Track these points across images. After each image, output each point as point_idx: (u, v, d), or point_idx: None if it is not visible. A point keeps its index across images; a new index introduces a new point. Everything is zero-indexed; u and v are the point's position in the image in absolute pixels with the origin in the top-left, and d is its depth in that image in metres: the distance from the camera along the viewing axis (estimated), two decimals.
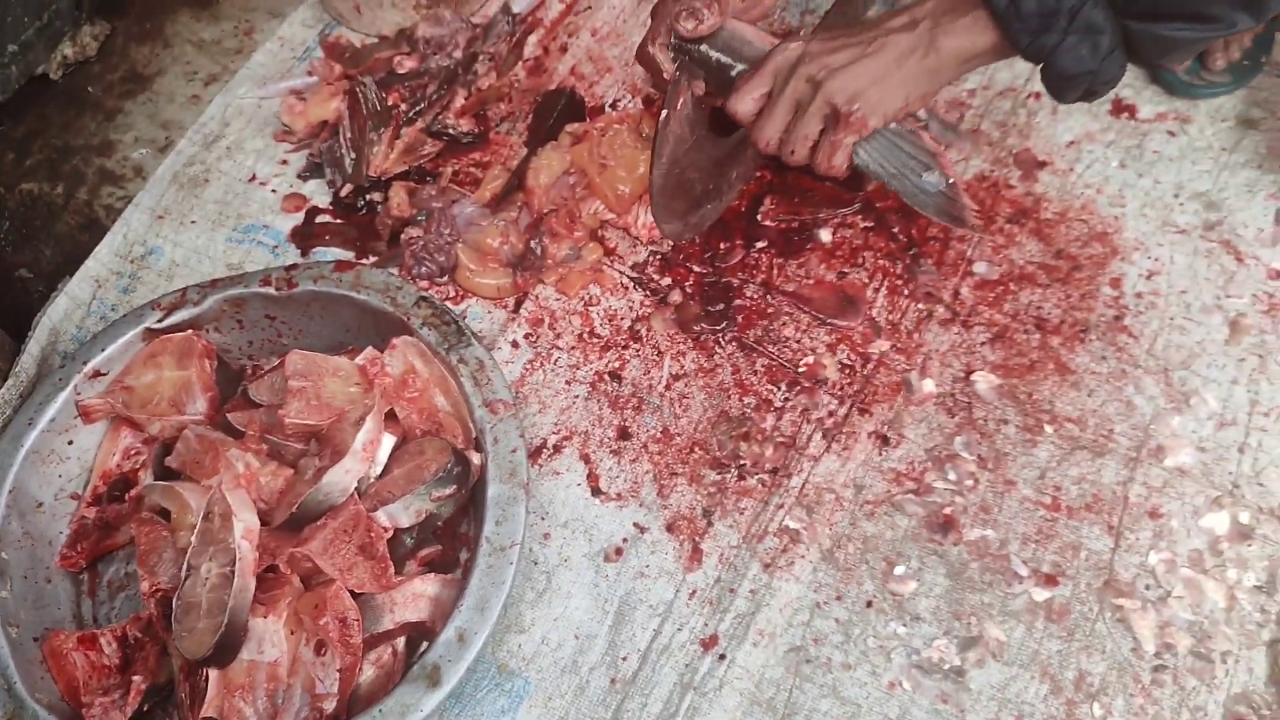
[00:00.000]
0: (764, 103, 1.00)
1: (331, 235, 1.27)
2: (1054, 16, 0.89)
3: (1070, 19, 0.89)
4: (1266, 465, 1.08)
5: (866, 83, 0.96)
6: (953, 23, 0.94)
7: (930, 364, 1.16)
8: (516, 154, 1.29)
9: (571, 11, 1.42)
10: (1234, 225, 1.22)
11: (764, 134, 1.00)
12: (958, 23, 0.94)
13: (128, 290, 1.25)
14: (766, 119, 0.99)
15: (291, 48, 1.42)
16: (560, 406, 1.14)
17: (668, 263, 1.22)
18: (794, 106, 0.98)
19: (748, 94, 1.00)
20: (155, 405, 1.08)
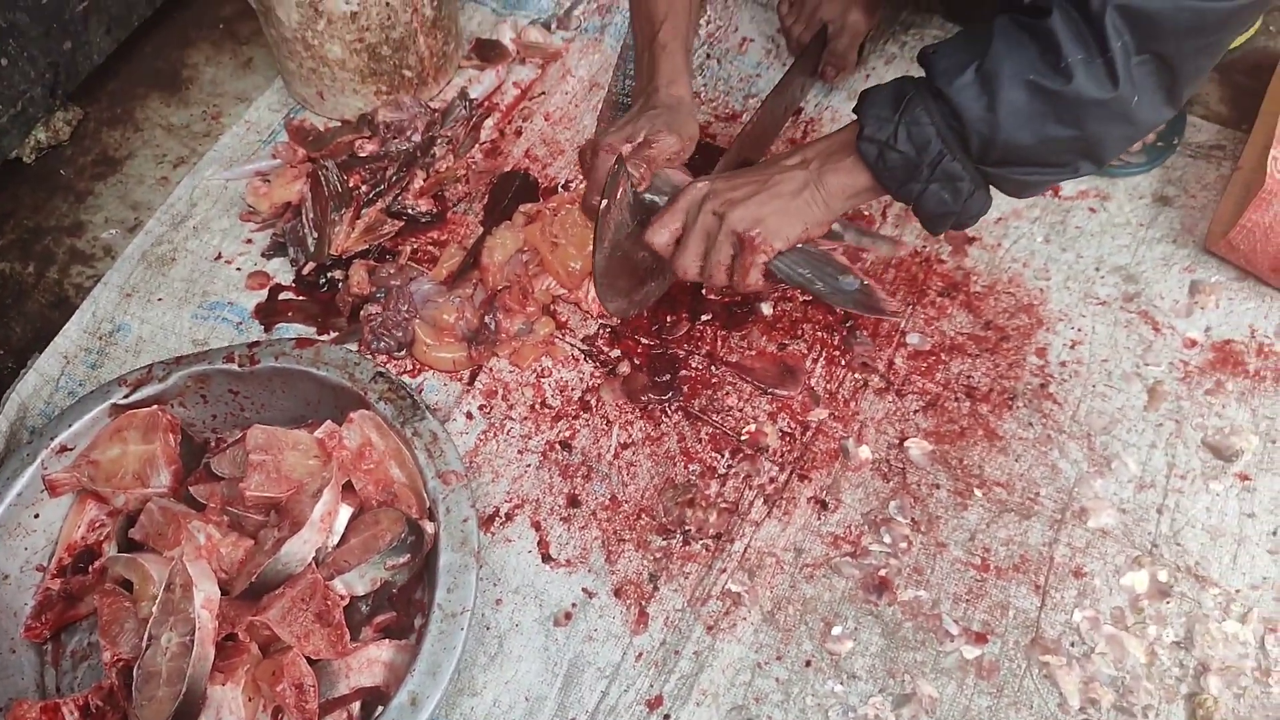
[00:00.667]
0: (678, 236, 1.08)
1: (294, 312, 1.32)
2: (917, 168, 0.98)
3: (932, 170, 0.97)
4: (1183, 526, 1.14)
5: (766, 213, 1.05)
6: (837, 164, 1.03)
7: (866, 431, 1.21)
8: (473, 233, 1.35)
9: (526, 97, 1.49)
10: (1151, 297, 1.29)
11: (681, 264, 1.08)
12: (841, 164, 1.03)
13: (95, 366, 1.29)
14: (682, 251, 1.07)
15: (258, 131, 1.48)
16: (512, 475, 1.19)
17: (617, 335, 1.28)
18: (705, 237, 1.07)
19: (663, 229, 1.08)
20: (120, 479, 1.12)
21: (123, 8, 1.49)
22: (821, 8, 1.42)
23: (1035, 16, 0.90)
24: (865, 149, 0.99)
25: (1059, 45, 0.88)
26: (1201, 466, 1.18)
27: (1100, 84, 0.89)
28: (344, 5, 1.30)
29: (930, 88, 0.95)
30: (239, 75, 1.56)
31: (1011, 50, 0.90)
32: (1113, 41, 0.87)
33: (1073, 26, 0.88)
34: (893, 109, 0.97)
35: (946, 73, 0.93)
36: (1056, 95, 0.90)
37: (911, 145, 0.96)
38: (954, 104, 0.93)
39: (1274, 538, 1.13)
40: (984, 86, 0.91)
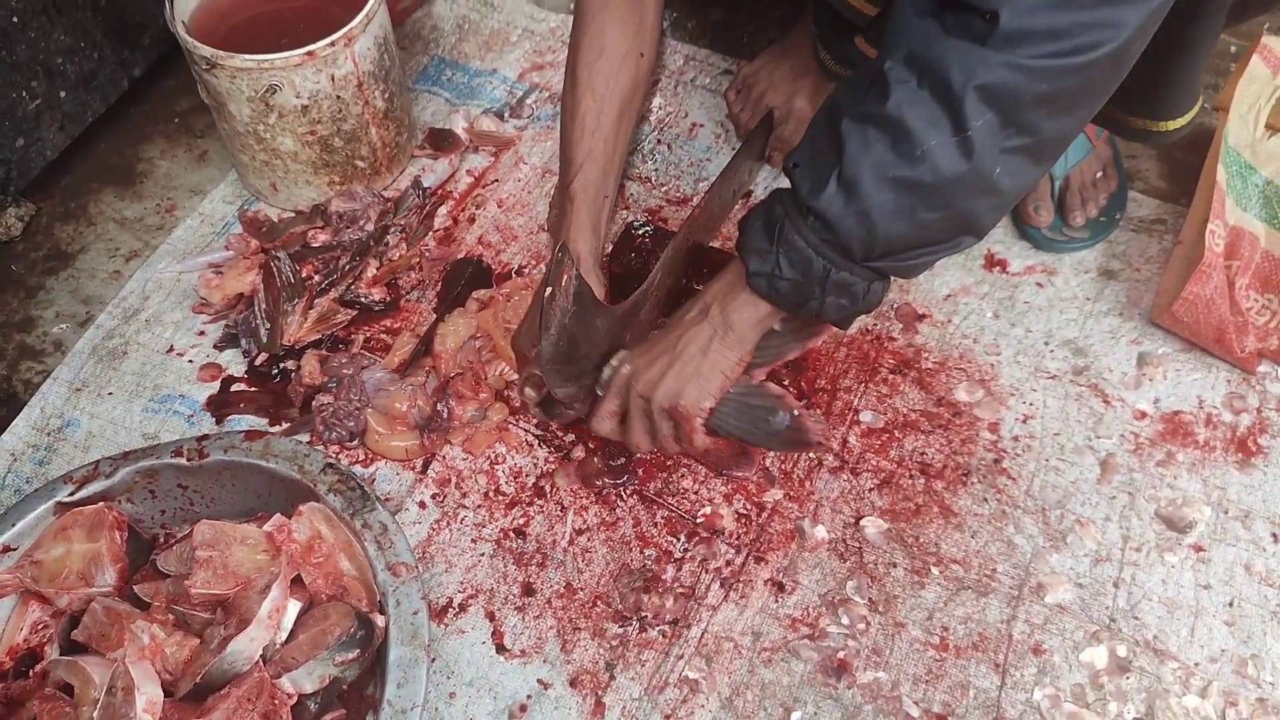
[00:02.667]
0: (618, 420, 1.15)
1: (246, 403, 1.31)
2: (808, 288, 0.98)
3: (823, 286, 0.98)
4: (1140, 599, 1.14)
5: (684, 382, 1.09)
6: (734, 302, 1.06)
7: (822, 511, 1.21)
8: (426, 320, 1.35)
9: (479, 184, 1.51)
10: (1100, 370, 1.30)
11: (634, 444, 1.15)
12: (738, 300, 1.06)
13: (43, 463, 1.27)
14: (629, 434, 1.15)
15: (211, 223, 1.48)
16: (466, 565, 1.18)
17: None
18: (643, 418, 1.12)
19: (604, 418, 1.15)
20: (64, 579, 1.09)
21: (76, 105, 1.50)
22: (767, 95, 1.45)
23: (875, 105, 0.88)
24: (755, 284, 1.01)
25: (911, 133, 0.86)
26: (1156, 538, 1.18)
27: (956, 162, 0.86)
28: (295, 99, 1.32)
29: (798, 205, 0.94)
30: (194, 168, 1.56)
31: (864, 150, 0.88)
32: (973, 121, 0.84)
33: (922, 109, 0.86)
34: (768, 238, 0.97)
35: (811, 189, 0.92)
36: (919, 184, 0.88)
37: (795, 270, 0.97)
38: (824, 219, 0.92)
39: (1230, 609, 1.13)
40: (848, 195, 0.90)
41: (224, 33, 1.41)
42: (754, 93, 1.47)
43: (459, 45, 1.69)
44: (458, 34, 1.71)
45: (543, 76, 1.64)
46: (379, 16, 1.35)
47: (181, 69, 1.57)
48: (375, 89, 1.38)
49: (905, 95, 0.86)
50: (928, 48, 0.85)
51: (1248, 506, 1.20)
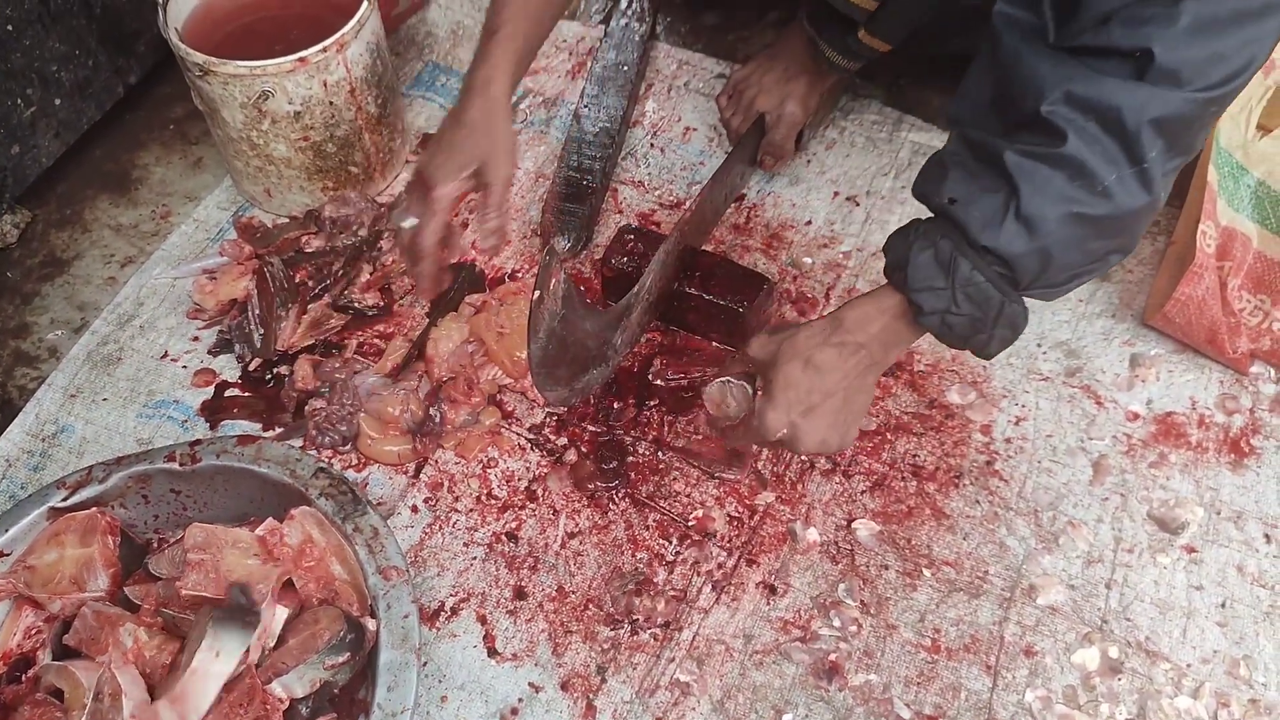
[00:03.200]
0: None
1: (239, 408, 1.31)
2: (984, 323, 0.97)
3: (996, 320, 0.97)
4: (1132, 600, 1.14)
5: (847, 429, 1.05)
6: (896, 341, 1.03)
7: (814, 513, 1.21)
8: (419, 325, 1.36)
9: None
10: (1093, 371, 1.30)
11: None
12: (900, 339, 1.03)
13: (38, 469, 1.27)
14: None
15: (206, 229, 1.48)
16: (458, 569, 1.18)
17: (563, 423, 1.28)
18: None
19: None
20: (57, 583, 1.10)
21: (71, 112, 1.50)
22: (758, 99, 1.45)
23: (1046, 145, 0.90)
24: (928, 321, 0.98)
25: (1091, 171, 0.88)
26: (1148, 540, 1.18)
27: (1136, 195, 0.90)
28: (287, 105, 1.32)
29: (970, 242, 0.94)
30: (188, 174, 1.57)
31: (1042, 187, 0.90)
32: (1148, 153, 0.87)
33: (1097, 147, 0.88)
34: (944, 276, 0.96)
35: (986, 226, 0.92)
36: (1100, 219, 0.91)
37: (973, 306, 0.96)
38: (1003, 255, 0.92)
39: (1222, 610, 1.13)
40: (1029, 231, 0.91)
41: (217, 40, 1.42)
42: (745, 97, 1.47)
43: (453, 51, 1.69)
44: (452, 39, 1.71)
45: (536, 82, 1.64)
46: (371, 22, 1.35)
47: (176, 76, 1.58)
48: (368, 95, 1.39)
49: (1082, 135, 0.88)
50: (1089, 89, 0.88)
51: (1240, 507, 1.19)
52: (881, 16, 1.25)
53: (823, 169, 1.52)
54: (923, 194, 0.99)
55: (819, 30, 1.36)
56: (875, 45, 1.31)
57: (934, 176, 0.98)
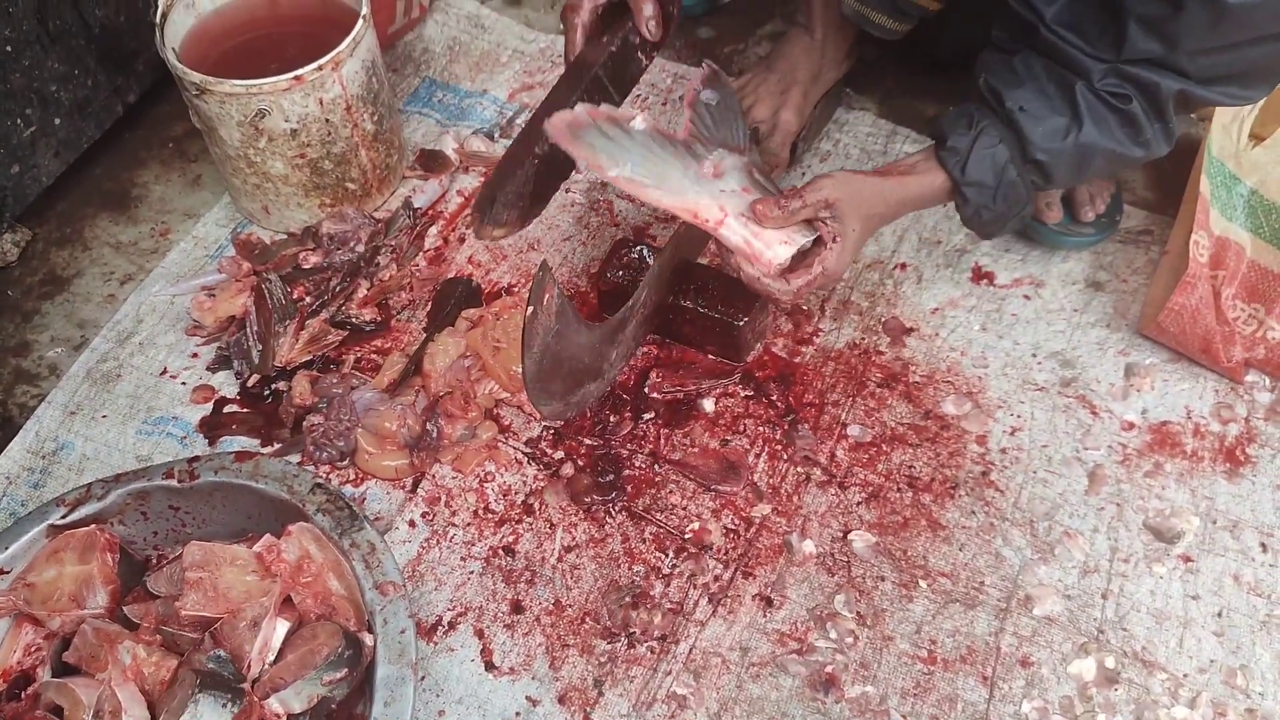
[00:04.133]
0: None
1: (238, 424, 1.32)
2: (1005, 218, 1.19)
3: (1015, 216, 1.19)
4: (1128, 610, 1.14)
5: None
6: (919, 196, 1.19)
7: (810, 525, 1.21)
8: (416, 340, 1.36)
9: (470, 204, 1.52)
10: (1088, 381, 1.31)
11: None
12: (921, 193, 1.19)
13: (38, 486, 1.28)
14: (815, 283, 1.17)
15: (205, 246, 1.49)
16: (455, 583, 1.18)
17: (560, 437, 1.28)
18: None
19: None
20: (56, 601, 1.10)
21: (71, 131, 1.51)
22: (754, 109, 1.46)
23: (1117, 100, 1.08)
24: (965, 209, 1.18)
25: (1142, 125, 1.09)
26: (1144, 549, 1.18)
27: (1162, 145, 1.12)
28: (284, 123, 1.33)
29: (1023, 148, 1.11)
30: (187, 192, 1.58)
31: (1101, 126, 1.09)
32: (1171, 114, 1.09)
33: (1145, 108, 1.08)
34: (994, 176, 1.13)
35: (1046, 144, 1.10)
36: (1132, 159, 1.13)
37: (1007, 205, 1.16)
38: (1049, 172, 1.13)
39: (1219, 619, 1.13)
40: (1079, 158, 1.11)
41: (215, 58, 1.43)
42: (740, 107, 1.48)
43: (449, 67, 1.71)
44: (448, 55, 1.72)
45: (533, 97, 1.65)
46: (366, 40, 1.36)
47: (175, 94, 1.58)
48: (364, 112, 1.40)
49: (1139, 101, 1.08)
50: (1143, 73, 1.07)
51: (1236, 516, 1.20)
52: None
53: None
54: (991, 89, 1.12)
55: (864, 1, 1.36)
56: (925, 2, 1.32)
57: (1005, 78, 1.12)
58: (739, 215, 1.14)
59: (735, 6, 1.79)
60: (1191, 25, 0.99)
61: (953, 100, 1.61)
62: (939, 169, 1.16)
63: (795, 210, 1.13)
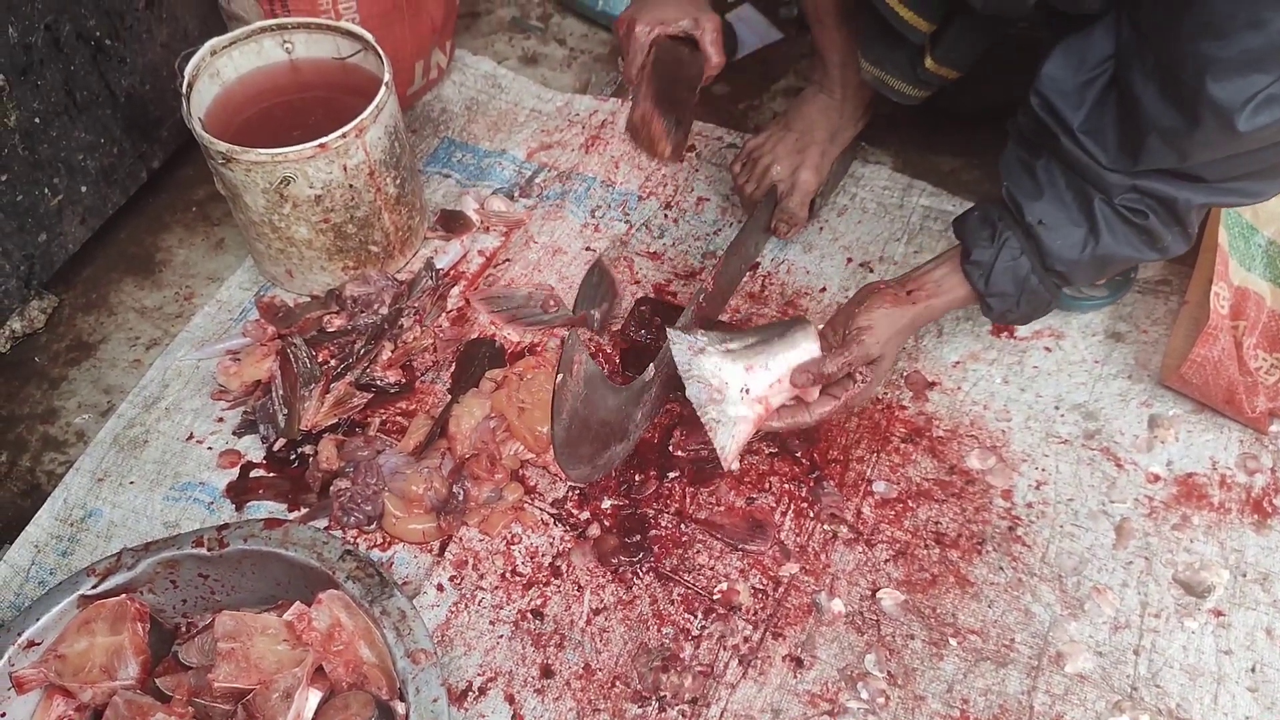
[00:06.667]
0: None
1: (265, 489, 1.32)
2: (1029, 316, 1.23)
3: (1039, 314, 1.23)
4: (1161, 667, 1.13)
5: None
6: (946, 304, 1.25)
7: (838, 584, 1.21)
8: (441, 401, 1.37)
9: (491, 264, 1.53)
10: (1111, 433, 1.31)
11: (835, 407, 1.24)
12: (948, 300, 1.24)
13: (66, 554, 1.29)
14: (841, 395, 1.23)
15: (229, 310, 1.51)
16: (485, 648, 1.18)
17: (586, 497, 1.29)
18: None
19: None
20: (87, 672, 1.10)
21: (97, 198, 1.54)
22: (772, 168, 1.47)
23: (1134, 216, 1.10)
24: (990, 315, 1.23)
25: (1159, 235, 1.11)
26: (1175, 604, 1.18)
27: (1182, 245, 1.13)
28: (308, 190, 1.35)
29: (1043, 260, 1.15)
30: (211, 256, 1.60)
31: (1118, 237, 1.12)
32: (1193, 224, 1.11)
33: (1164, 220, 1.10)
34: (1016, 286, 1.18)
35: (1064, 255, 1.14)
36: (1148, 260, 1.16)
37: (1031, 308, 1.21)
38: (1066, 278, 1.17)
39: (1253, 675, 1.12)
40: (1097, 266, 1.15)
41: (239, 125, 1.45)
42: (759, 166, 1.49)
43: (468, 126, 1.73)
44: (466, 115, 1.74)
45: (550, 156, 1.67)
46: (389, 106, 1.38)
47: (198, 158, 1.61)
48: (387, 176, 1.41)
49: (1156, 216, 1.10)
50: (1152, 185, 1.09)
51: (1266, 569, 1.19)
52: (944, 43, 1.29)
53: (835, 235, 1.54)
54: (1013, 199, 1.16)
55: (884, 69, 1.37)
56: (943, 72, 1.33)
57: (1027, 190, 1.15)
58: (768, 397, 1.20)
59: (749, 63, 1.82)
60: (1206, 140, 1.01)
61: (969, 155, 1.63)
62: (964, 283, 1.22)
63: (839, 371, 1.20)
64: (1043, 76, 1.11)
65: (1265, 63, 0.93)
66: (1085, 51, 1.08)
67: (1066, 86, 1.09)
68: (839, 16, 1.37)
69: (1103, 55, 1.08)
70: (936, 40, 1.29)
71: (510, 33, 1.91)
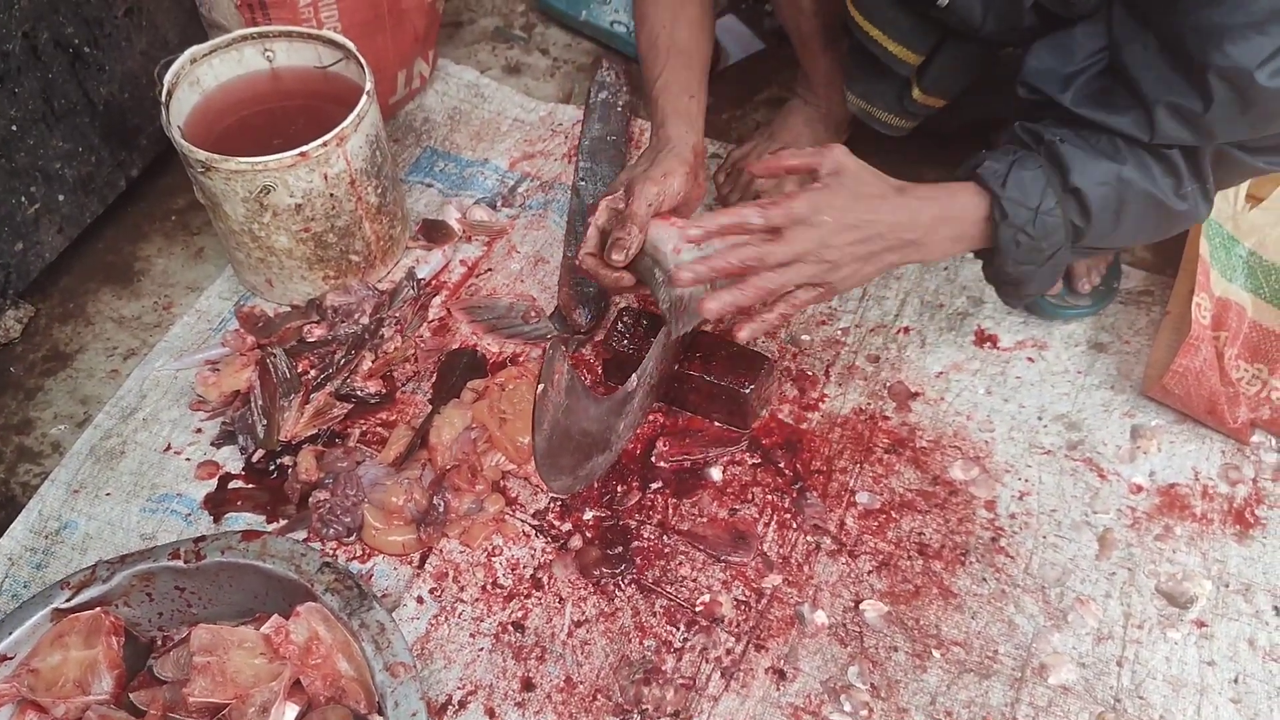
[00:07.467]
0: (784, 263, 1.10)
1: (243, 500, 1.31)
2: (1039, 253, 1.11)
3: (1048, 259, 1.12)
4: (1144, 678, 1.13)
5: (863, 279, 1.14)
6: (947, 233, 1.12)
7: (821, 595, 1.20)
8: (421, 412, 1.36)
9: (473, 274, 1.52)
10: (1094, 444, 1.31)
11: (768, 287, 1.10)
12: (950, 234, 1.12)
13: (41, 566, 1.27)
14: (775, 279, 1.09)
15: (208, 319, 1.49)
16: (465, 661, 1.17)
17: (568, 508, 1.28)
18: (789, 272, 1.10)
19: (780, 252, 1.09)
20: (61, 687, 1.09)
21: (74, 207, 1.52)
22: (755, 180, 1.47)
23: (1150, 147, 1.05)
24: (1005, 233, 1.09)
25: (1181, 174, 1.06)
26: (1158, 615, 1.17)
27: (1201, 208, 1.09)
28: (289, 199, 1.34)
29: (1063, 181, 1.07)
30: (190, 265, 1.58)
31: (1142, 167, 1.06)
32: (1210, 175, 1.07)
33: (1186, 162, 1.06)
34: (1036, 197, 1.07)
35: (1086, 172, 1.06)
36: (1171, 212, 1.09)
37: (1042, 235, 1.08)
38: (1086, 203, 1.07)
39: (1235, 686, 1.12)
40: (1119, 193, 1.07)
41: (219, 133, 1.44)
42: (744, 176, 1.49)
43: (450, 136, 1.72)
44: (449, 125, 1.74)
45: (534, 165, 1.66)
46: (370, 115, 1.37)
47: (178, 166, 1.60)
48: (368, 185, 1.41)
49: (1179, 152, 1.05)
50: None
51: (1248, 579, 1.19)
52: (931, 73, 1.28)
53: None
54: (1029, 130, 1.10)
55: (870, 101, 1.37)
56: (931, 102, 1.32)
57: (1042, 124, 1.09)
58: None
59: (732, 73, 1.81)
60: (1224, 116, 0.99)
61: (953, 165, 1.62)
62: (973, 188, 1.10)
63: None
64: (1027, 69, 1.10)
65: (1269, 25, 0.93)
66: (1070, 46, 1.07)
67: (1053, 76, 1.08)
68: (824, 40, 1.37)
69: (1092, 50, 1.06)
70: (923, 70, 1.28)
71: (493, 42, 1.91)
